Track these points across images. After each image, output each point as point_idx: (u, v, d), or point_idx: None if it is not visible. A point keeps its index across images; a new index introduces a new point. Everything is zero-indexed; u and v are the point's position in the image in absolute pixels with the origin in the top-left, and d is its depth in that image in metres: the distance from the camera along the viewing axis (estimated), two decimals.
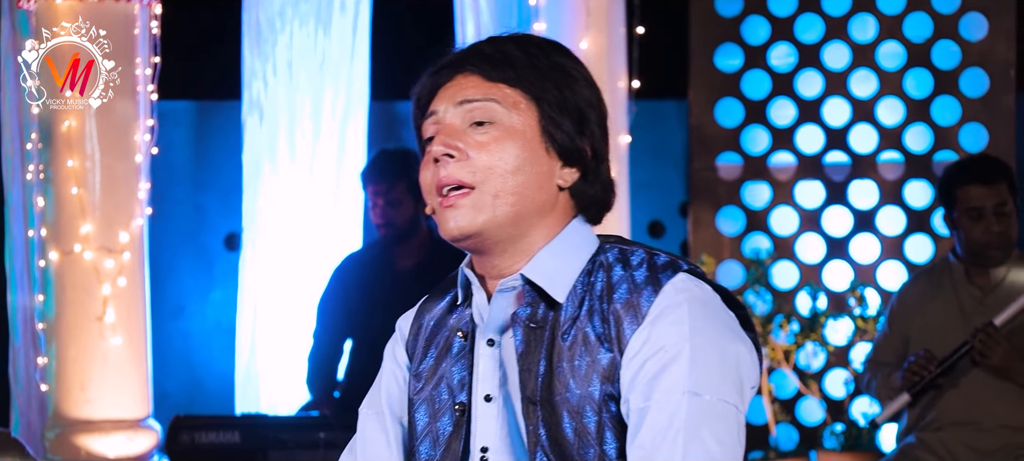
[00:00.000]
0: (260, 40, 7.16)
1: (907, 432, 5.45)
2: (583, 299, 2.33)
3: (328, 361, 6.33)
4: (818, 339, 6.71)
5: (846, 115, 7.03)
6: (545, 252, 2.36)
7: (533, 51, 2.39)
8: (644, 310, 2.27)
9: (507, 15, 6.68)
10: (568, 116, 2.37)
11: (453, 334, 2.44)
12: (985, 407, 5.28)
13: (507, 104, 2.35)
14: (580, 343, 2.30)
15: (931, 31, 7.00)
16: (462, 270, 2.45)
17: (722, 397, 2.23)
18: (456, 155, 2.33)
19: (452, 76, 2.39)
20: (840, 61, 7.04)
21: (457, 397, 2.39)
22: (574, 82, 2.38)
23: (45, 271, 5.85)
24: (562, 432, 2.28)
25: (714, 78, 7.07)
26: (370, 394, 2.59)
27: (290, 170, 7.15)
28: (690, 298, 2.28)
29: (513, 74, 2.36)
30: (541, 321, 2.33)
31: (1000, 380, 5.26)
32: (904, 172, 7.01)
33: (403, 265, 6.16)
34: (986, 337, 5.21)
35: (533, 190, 2.34)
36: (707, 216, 7.05)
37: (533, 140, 2.35)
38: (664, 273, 2.31)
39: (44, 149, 5.83)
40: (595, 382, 2.28)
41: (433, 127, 2.39)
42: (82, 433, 5.83)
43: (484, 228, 2.33)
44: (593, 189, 2.41)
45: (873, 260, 6.99)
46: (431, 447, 2.42)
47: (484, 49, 2.39)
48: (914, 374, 5.30)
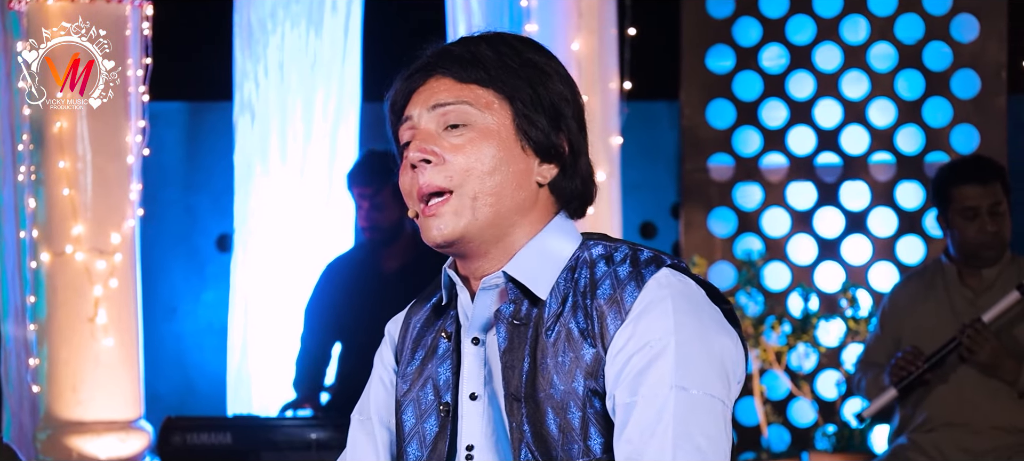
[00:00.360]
0: (251, 41, 7.15)
1: (898, 433, 5.46)
2: (567, 295, 2.33)
3: (315, 364, 6.36)
4: (810, 340, 6.71)
5: (838, 116, 7.03)
6: (527, 249, 2.37)
7: (504, 50, 2.38)
8: (628, 306, 2.28)
9: (498, 16, 6.68)
10: (543, 113, 2.37)
11: (438, 335, 2.45)
12: (977, 408, 5.29)
13: (480, 105, 2.35)
14: (564, 339, 2.30)
15: (922, 33, 7.01)
16: (445, 271, 2.45)
17: (709, 391, 2.24)
18: (433, 160, 2.34)
19: (425, 80, 2.40)
20: (832, 62, 7.05)
21: (442, 397, 2.40)
22: (547, 78, 2.38)
23: (37, 272, 5.85)
24: (546, 428, 2.28)
25: (706, 79, 7.07)
26: (360, 400, 2.60)
27: (281, 171, 7.15)
28: (674, 293, 2.28)
29: (485, 74, 2.36)
30: (525, 318, 2.34)
31: (990, 380, 5.27)
32: (896, 173, 7.01)
33: (389, 267, 6.17)
34: (974, 333, 5.21)
35: (512, 189, 2.35)
36: (699, 217, 7.05)
37: (508, 139, 2.35)
38: (647, 268, 2.31)
39: (35, 150, 5.82)
40: (579, 378, 2.28)
41: (409, 132, 2.40)
42: (74, 434, 5.82)
43: (466, 232, 2.34)
44: (572, 184, 2.41)
45: (865, 261, 7.00)
46: (418, 448, 2.42)
47: (455, 50, 2.39)
48: (901, 369, 5.31)
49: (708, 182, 7.08)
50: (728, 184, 7.08)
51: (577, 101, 2.43)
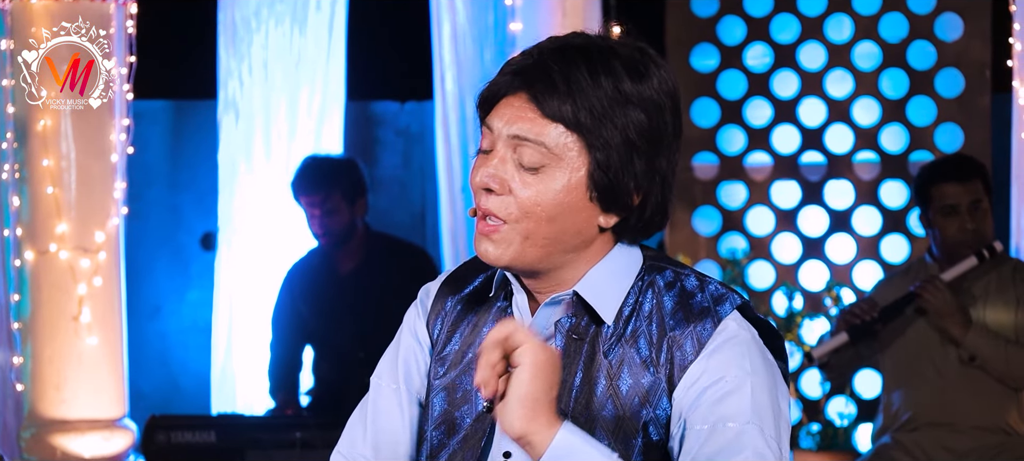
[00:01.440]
0: (236, 39, 7.14)
1: (882, 432, 5.47)
2: (630, 319, 2.32)
3: (288, 371, 6.41)
4: (794, 339, 6.72)
5: (822, 115, 7.04)
6: (598, 271, 2.33)
7: (603, 81, 2.25)
8: (704, 341, 2.27)
9: (483, 15, 6.68)
10: (622, 168, 2.27)
11: (483, 325, 2.41)
12: (960, 408, 5.31)
13: (558, 149, 2.26)
14: (624, 363, 2.29)
15: (906, 31, 7.02)
16: (502, 270, 2.41)
17: (779, 441, 2.25)
18: (497, 189, 2.28)
19: (514, 91, 2.29)
20: (816, 61, 7.06)
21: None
22: (640, 114, 2.26)
23: (20, 270, 5.84)
24: None
25: (690, 78, 7.07)
26: (386, 362, 2.54)
27: (266, 170, 7.14)
28: (749, 337, 2.29)
29: (571, 115, 2.24)
30: (583, 333, 2.32)
31: (973, 380, 5.28)
32: (880, 172, 7.02)
33: (345, 269, 6.23)
34: (929, 285, 5.25)
35: (568, 236, 2.30)
36: (683, 216, 7.05)
37: (578, 188, 2.27)
38: (721, 305, 2.31)
39: (19, 148, 5.81)
40: (636, 404, 2.27)
41: (487, 141, 2.32)
42: (58, 433, 5.81)
43: (512, 263, 2.31)
44: (636, 225, 2.35)
45: (849, 260, 7.01)
46: (445, 434, 2.39)
47: (552, 68, 2.26)
48: (854, 315, 5.33)
49: (692, 181, 7.09)
50: (712, 183, 7.09)
51: (668, 132, 2.31)
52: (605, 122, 2.25)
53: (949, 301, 5.25)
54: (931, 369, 5.35)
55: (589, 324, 2.32)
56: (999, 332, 5.29)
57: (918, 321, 5.37)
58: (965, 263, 5.27)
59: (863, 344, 5.39)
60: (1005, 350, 5.25)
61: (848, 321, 5.35)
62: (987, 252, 5.29)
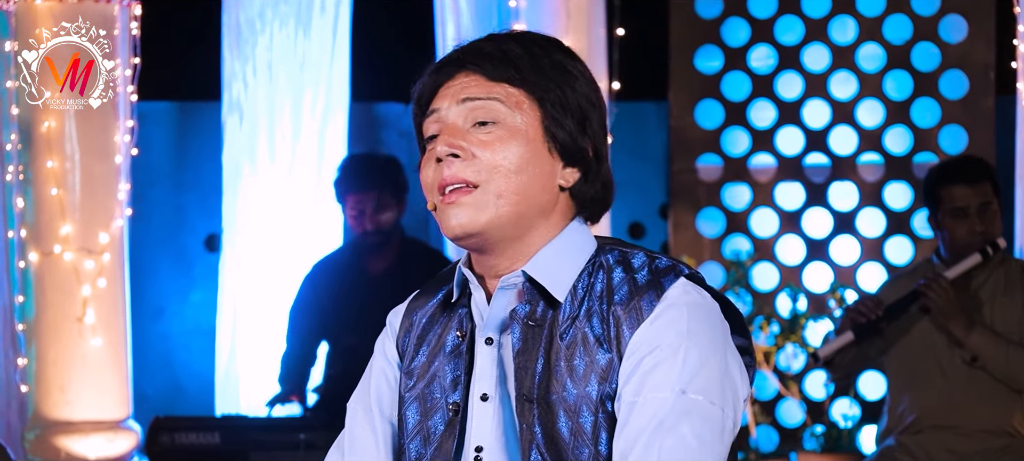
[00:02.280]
0: (240, 41, 7.14)
1: (886, 434, 5.46)
2: (583, 299, 2.33)
3: (300, 364, 6.36)
4: (798, 341, 6.71)
5: (826, 117, 7.04)
6: (547, 251, 2.36)
7: (535, 50, 2.37)
8: (646, 313, 2.28)
9: (487, 16, 6.68)
10: (570, 115, 2.37)
11: (447, 332, 2.43)
12: (965, 411, 5.29)
13: (510, 103, 2.35)
14: (579, 343, 2.30)
15: (911, 33, 7.02)
16: (460, 268, 2.44)
17: (709, 398, 2.25)
18: (461, 155, 2.33)
19: (454, 74, 2.38)
20: (820, 63, 7.05)
21: (450, 396, 2.39)
22: (575, 80, 2.38)
23: (25, 272, 5.84)
24: (557, 431, 2.28)
25: (694, 80, 7.07)
26: (359, 390, 2.56)
27: (270, 171, 7.14)
28: (690, 303, 2.30)
29: (515, 73, 2.35)
30: (540, 319, 2.34)
31: (979, 383, 5.27)
32: (884, 174, 7.02)
33: (375, 269, 6.17)
34: (934, 283, 5.24)
35: (536, 190, 2.35)
36: (687, 218, 7.05)
37: (536, 140, 2.35)
38: (666, 277, 2.32)
39: (24, 150, 5.82)
40: (593, 382, 2.28)
41: (435, 125, 2.39)
42: (62, 434, 5.82)
43: (486, 227, 2.33)
44: (593, 188, 2.41)
45: (853, 262, 7.00)
46: (422, 445, 2.41)
47: (486, 47, 2.38)
48: (859, 314, 5.32)
49: (696, 182, 7.08)
50: (716, 184, 7.08)
51: (602, 106, 2.43)
52: (548, 80, 2.36)
53: (952, 300, 5.24)
54: (936, 371, 5.33)
55: (545, 309, 2.34)
56: (1005, 334, 5.28)
57: (923, 323, 5.36)
58: (969, 260, 5.26)
59: (868, 343, 5.38)
60: (1007, 351, 5.24)
61: (853, 319, 5.33)
62: (991, 248, 5.28)
